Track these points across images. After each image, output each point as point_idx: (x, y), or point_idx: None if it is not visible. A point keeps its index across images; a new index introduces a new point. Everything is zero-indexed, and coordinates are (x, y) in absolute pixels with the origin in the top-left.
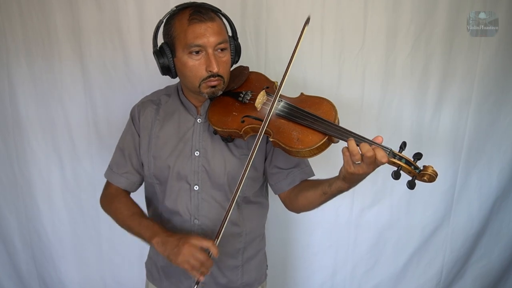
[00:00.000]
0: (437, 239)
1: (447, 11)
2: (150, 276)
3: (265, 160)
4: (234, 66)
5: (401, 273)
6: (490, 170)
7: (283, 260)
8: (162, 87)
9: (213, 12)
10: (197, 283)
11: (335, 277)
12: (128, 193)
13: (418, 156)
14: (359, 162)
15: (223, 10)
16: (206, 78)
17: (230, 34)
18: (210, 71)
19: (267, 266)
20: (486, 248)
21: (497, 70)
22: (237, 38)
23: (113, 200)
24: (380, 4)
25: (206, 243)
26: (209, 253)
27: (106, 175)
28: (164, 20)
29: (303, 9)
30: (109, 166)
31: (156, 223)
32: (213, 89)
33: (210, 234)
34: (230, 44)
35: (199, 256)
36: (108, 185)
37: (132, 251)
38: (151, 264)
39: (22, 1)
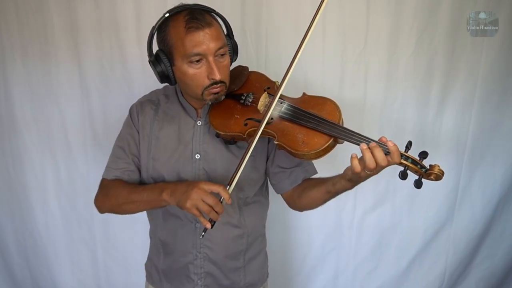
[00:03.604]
0: (440, 241)
1: (449, 10)
2: (150, 278)
3: (267, 160)
4: (233, 64)
5: (403, 275)
6: (493, 171)
7: (284, 263)
8: (160, 87)
9: (208, 14)
10: (205, 230)
11: (337, 280)
12: None
13: (423, 155)
14: (372, 171)
15: (223, 10)
16: (208, 86)
17: (225, 32)
18: (212, 79)
19: (268, 265)
20: (489, 250)
21: (500, 70)
22: (233, 36)
23: (109, 190)
24: (382, 4)
25: (217, 187)
26: (220, 198)
27: (104, 174)
28: (157, 27)
29: (304, 8)
30: (107, 166)
31: (160, 182)
32: (216, 95)
33: (212, 237)
34: (227, 44)
35: (208, 200)
36: (102, 181)
37: (127, 256)
38: (151, 266)
39: (19, 0)
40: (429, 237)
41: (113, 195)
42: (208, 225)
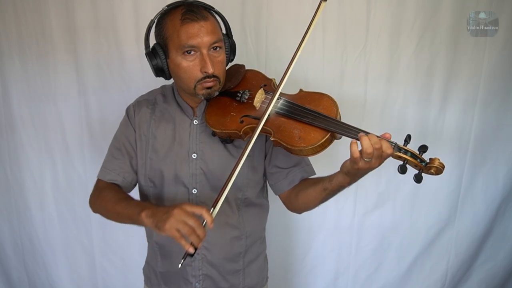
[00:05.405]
0: (442, 242)
1: (451, 9)
2: (148, 282)
3: (265, 159)
4: (230, 64)
5: (404, 277)
6: (496, 172)
7: (284, 265)
8: (158, 87)
9: (206, 10)
10: (185, 256)
11: (337, 281)
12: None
13: (423, 148)
14: (370, 158)
15: (223, 8)
16: (201, 79)
17: (224, 32)
18: (205, 72)
19: (268, 268)
20: (491, 251)
21: (503, 70)
22: (232, 35)
23: (101, 192)
24: (383, 2)
25: (199, 209)
26: (203, 222)
27: (99, 175)
28: (156, 20)
29: (304, 6)
30: (103, 166)
31: (146, 201)
32: (209, 90)
33: (210, 238)
34: (224, 43)
35: (189, 222)
36: (98, 182)
37: (124, 259)
38: (149, 270)
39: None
40: (431, 238)
41: (102, 201)
42: (191, 249)
